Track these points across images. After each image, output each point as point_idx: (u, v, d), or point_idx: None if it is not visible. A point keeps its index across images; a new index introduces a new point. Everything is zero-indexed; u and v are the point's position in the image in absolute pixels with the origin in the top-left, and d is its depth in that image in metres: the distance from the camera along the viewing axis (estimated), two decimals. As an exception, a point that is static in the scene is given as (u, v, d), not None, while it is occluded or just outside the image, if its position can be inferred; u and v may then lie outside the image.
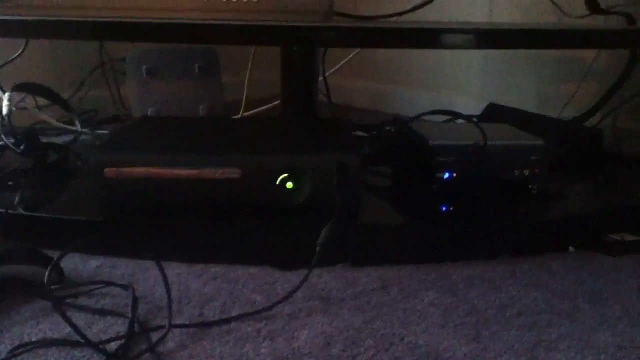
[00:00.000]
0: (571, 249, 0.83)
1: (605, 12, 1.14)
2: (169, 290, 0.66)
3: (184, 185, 0.76)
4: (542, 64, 1.46)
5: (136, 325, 0.62)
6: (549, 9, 1.29)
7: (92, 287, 0.70)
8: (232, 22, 0.83)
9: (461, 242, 0.81)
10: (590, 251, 0.83)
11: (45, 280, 0.61)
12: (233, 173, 0.76)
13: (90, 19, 0.83)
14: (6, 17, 0.83)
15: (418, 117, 1.03)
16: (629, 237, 0.83)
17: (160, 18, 0.84)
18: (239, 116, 1.40)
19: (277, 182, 0.77)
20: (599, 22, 1.19)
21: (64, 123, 1.20)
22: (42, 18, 0.84)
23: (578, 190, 0.99)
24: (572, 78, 1.36)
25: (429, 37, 0.88)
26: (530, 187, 0.90)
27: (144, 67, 1.28)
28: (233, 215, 0.78)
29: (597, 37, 0.95)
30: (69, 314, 0.61)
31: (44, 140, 1.04)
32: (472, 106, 1.29)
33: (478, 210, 0.87)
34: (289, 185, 0.78)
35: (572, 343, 0.61)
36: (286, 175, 0.77)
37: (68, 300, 0.67)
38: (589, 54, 1.31)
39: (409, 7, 1.18)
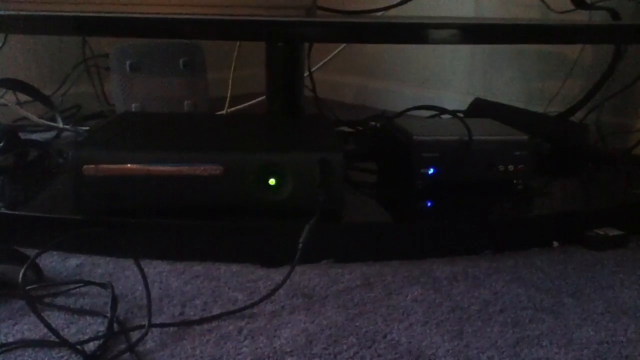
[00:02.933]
0: (555, 244, 0.83)
1: (590, 7, 1.14)
2: (147, 289, 0.65)
3: (164, 182, 0.75)
4: (528, 59, 1.46)
5: (115, 324, 0.62)
6: (534, 3, 1.28)
7: (70, 286, 0.69)
8: (216, 17, 0.82)
9: (445, 238, 0.81)
10: (574, 246, 0.83)
11: (19, 280, 0.60)
12: (215, 170, 0.75)
13: (72, 14, 0.81)
14: (-17, 12, 0.82)
15: (404, 112, 1.03)
16: (612, 232, 0.83)
17: (144, 13, 0.83)
18: (224, 112, 1.39)
19: (259, 179, 0.76)
20: (583, 17, 1.20)
21: (46, 119, 1.19)
22: (22, 12, 0.82)
23: (562, 185, 1.00)
24: (557, 73, 1.36)
25: (415, 32, 0.88)
26: (514, 182, 0.90)
27: (128, 62, 1.26)
28: (215, 213, 0.77)
29: (582, 33, 0.95)
30: (47, 313, 0.60)
31: (25, 137, 1.02)
32: (458, 101, 1.28)
33: (462, 205, 0.87)
34: (272, 182, 0.77)
35: (555, 338, 0.61)
36: (269, 172, 0.76)
37: (46, 300, 0.66)
38: (574, 49, 1.31)
39: (394, 2, 1.17)
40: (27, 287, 0.64)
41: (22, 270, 0.60)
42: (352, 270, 0.75)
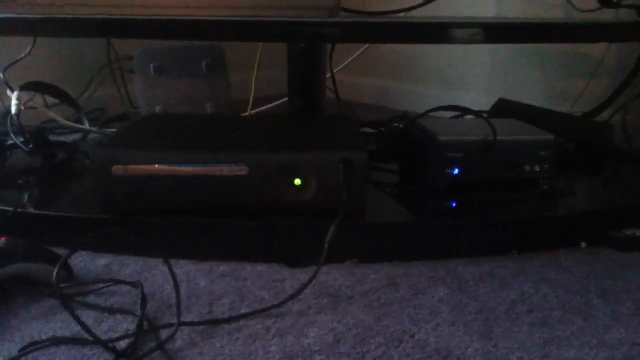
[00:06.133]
0: (583, 244, 0.82)
1: (615, 5, 1.13)
2: (177, 288, 0.65)
3: (191, 182, 0.76)
4: (551, 59, 1.45)
5: (145, 322, 0.62)
6: (558, 2, 1.27)
7: (100, 284, 0.70)
8: (238, 19, 0.83)
9: (470, 239, 0.80)
10: (601, 246, 0.82)
11: (53, 278, 0.61)
12: (240, 170, 0.76)
13: (97, 16, 0.82)
14: (13, 15, 0.83)
15: (426, 112, 1.03)
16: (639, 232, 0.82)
17: (167, 15, 0.84)
18: (247, 113, 1.40)
19: (284, 179, 0.77)
20: (608, 15, 1.18)
21: (72, 121, 1.20)
22: (49, 15, 0.84)
23: (588, 185, 0.99)
24: (581, 73, 1.35)
25: (437, 32, 0.88)
26: (540, 182, 0.89)
27: (152, 64, 1.27)
28: (240, 213, 0.78)
29: (607, 31, 0.94)
30: (77, 311, 0.61)
31: (52, 138, 1.04)
32: (480, 102, 1.28)
33: (487, 206, 0.86)
34: (297, 182, 0.77)
35: (585, 339, 0.61)
36: (293, 171, 0.77)
37: (76, 298, 0.67)
38: (599, 48, 1.30)
39: (416, 3, 1.17)
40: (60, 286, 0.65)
41: (56, 270, 0.61)
42: (377, 270, 0.75)
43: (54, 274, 0.61)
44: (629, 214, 0.86)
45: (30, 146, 0.96)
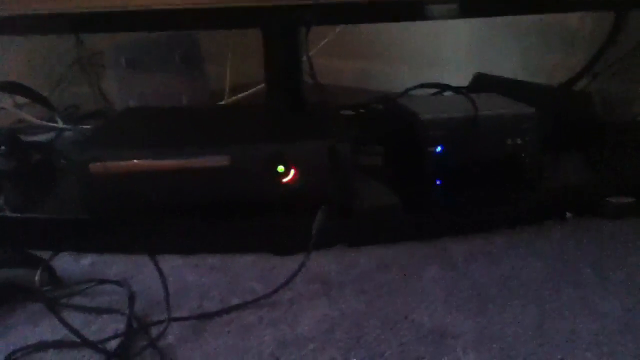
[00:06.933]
0: (568, 214, 0.82)
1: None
2: (165, 283, 0.64)
3: (172, 176, 0.74)
4: (528, 32, 1.45)
5: (134, 321, 0.61)
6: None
7: (85, 285, 0.68)
8: (211, 6, 0.81)
9: (457, 216, 0.80)
10: (588, 216, 0.82)
11: (36, 282, 0.59)
12: (222, 161, 0.75)
13: (64, 11, 0.80)
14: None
15: (406, 91, 1.02)
16: (625, 199, 0.82)
17: (138, 6, 0.82)
18: (223, 102, 1.38)
19: (268, 169, 0.75)
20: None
21: (44, 120, 1.18)
22: (14, 13, 0.81)
23: (570, 156, 0.99)
24: (557, 44, 1.35)
25: (411, 9, 0.87)
26: (522, 155, 0.89)
27: (123, 58, 1.25)
28: (225, 204, 0.77)
29: (582, 0, 0.94)
30: (64, 314, 0.60)
31: (25, 139, 1.01)
32: (458, 78, 1.27)
33: (472, 182, 0.86)
34: (280, 169, 0.76)
35: (578, 310, 0.61)
36: (276, 161, 0.75)
37: (62, 300, 0.66)
38: (575, 18, 1.30)
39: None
40: (43, 289, 0.63)
41: (38, 273, 0.60)
42: (367, 254, 0.74)
43: (37, 277, 0.60)
44: (613, 182, 0.87)
45: (3, 148, 0.93)
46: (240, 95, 1.42)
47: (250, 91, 1.42)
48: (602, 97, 1.15)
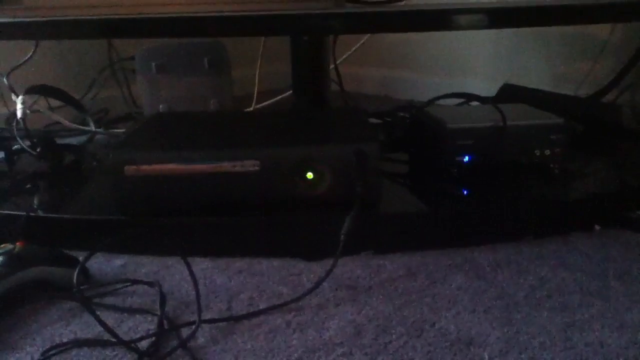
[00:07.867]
0: (596, 227, 0.82)
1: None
2: (196, 285, 0.65)
3: (203, 179, 0.76)
4: (555, 42, 1.44)
5: (165, 321, 0.62)
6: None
7: (118, 285, 0.70)
8: (239, 13, 0.82)
9: (485, 225, 0.80)
10: (616, 229, 0.81)
11: (74, 281, 0.61)
12: (252, 165, 0.76)
13: (97, 17, 0.82)
14: (14, 20, 0.83)
15: (432, 100, 1.02)
16: (654, 213, 0.82)
17: (168, 13, 0.84)
18: (251, 109, 1.40)
19: (297, 173, 0.76)
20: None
21: (76, 123, 1.20)
22: (49, 18, 0.83)
23: (599, 167, 0.98)
24: (586, 55, 1.34)
25: (439, 19, 0.87)
26: (551, 166, 0.89)
27: (153, 63, 1.27)
28: (254, 208, 0.78)
29: (611, 11, 0.93)
30: (97, 313, 0.61)
31: (58, 141, 1.04)
32: (484, 88, 1.27)
33: (500, 192, 0.86)
34: (309, 175, 0.77)
35: (606, 322, 0.61)
36: (306, 165, 0.76)
37: (95, 300, 0.67)
38: (604, 29, 1.29)
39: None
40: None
41: (76, 272, 0.61)
42: (394, 261, 0.75)
43: (75, 276, 0.61)
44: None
45: (38, 150, 0.96)
46: (267, 103, 1.44)
47: (276, 98, 1.44)
48: (631, 109, 1.14)
